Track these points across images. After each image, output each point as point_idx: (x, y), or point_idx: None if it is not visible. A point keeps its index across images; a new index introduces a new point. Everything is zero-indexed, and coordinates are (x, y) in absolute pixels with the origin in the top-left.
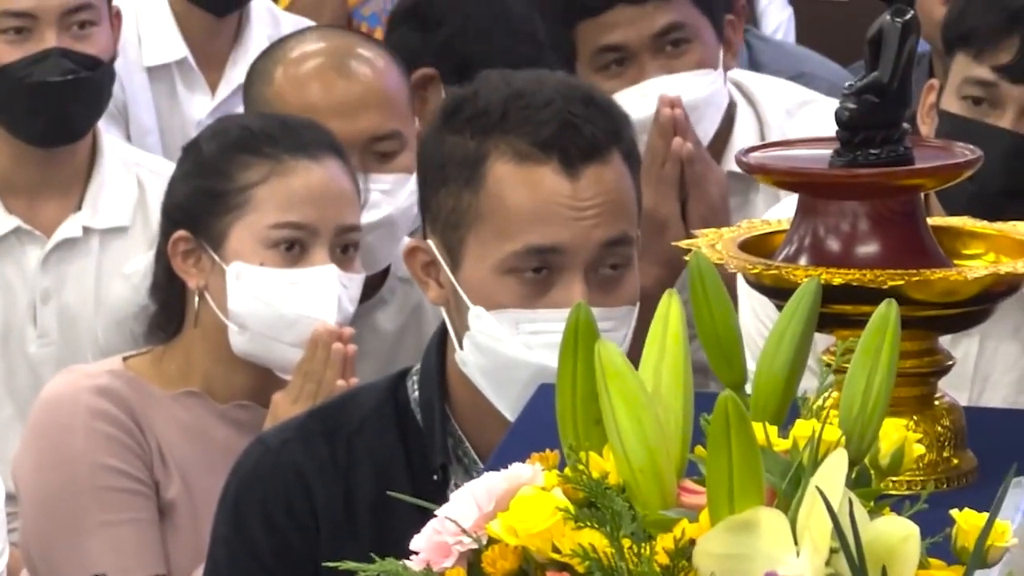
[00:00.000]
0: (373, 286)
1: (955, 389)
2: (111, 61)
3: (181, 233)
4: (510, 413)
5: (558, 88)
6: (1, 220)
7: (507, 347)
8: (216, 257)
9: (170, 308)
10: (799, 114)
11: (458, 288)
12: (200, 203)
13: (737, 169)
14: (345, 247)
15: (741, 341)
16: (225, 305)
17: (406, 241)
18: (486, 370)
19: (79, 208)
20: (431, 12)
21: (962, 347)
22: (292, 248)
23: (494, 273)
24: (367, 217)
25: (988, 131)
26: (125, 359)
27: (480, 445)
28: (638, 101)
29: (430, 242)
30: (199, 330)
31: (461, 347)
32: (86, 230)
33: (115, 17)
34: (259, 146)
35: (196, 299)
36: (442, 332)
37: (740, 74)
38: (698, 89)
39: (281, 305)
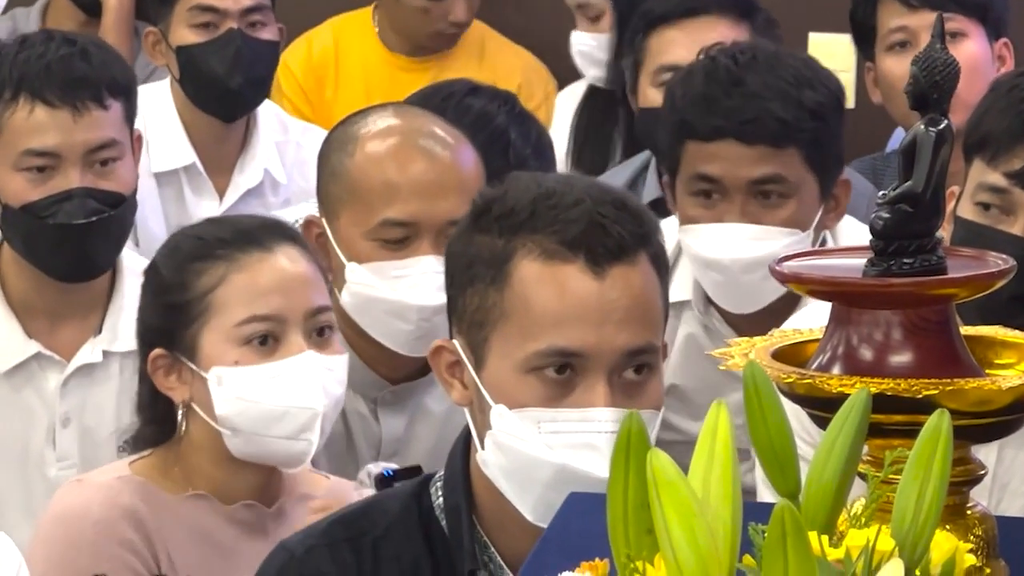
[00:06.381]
0: (424, 368)
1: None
2: (134, 192)
3: (157, 351)
4: (531, 515)
5: (588, 190)
6: (21, 346)
7: (528, 446)
8: (194, 367)
9: (157, 425)
10: None
11: (481, 387)
12: (167, 319)
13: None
14: (320, 330)
15: (796, 451)
16: (213, 412)
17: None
18: (507, 470)
19: (99, 332)
20: None
21: (980, 456)
22: (265, 341)
23: (517, 372)
24: (436, 299)
25: (999, 237)
26: (131, 463)
27: (505, 550)
28: (708, 241)
29: (455, 342)
30: (194, 439)
31: (483, 447)
32: (106, 354)
33: (136, 141)
34: (211, 251)
35: (181, 413)
36: (466, 437)
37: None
38: (775, 248)
39: (266, 401)
